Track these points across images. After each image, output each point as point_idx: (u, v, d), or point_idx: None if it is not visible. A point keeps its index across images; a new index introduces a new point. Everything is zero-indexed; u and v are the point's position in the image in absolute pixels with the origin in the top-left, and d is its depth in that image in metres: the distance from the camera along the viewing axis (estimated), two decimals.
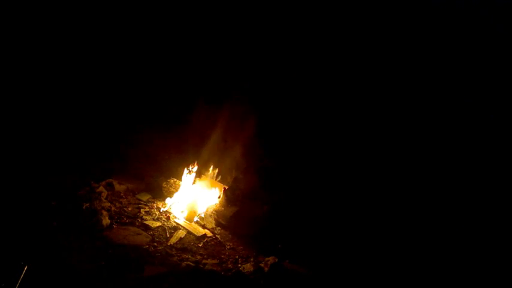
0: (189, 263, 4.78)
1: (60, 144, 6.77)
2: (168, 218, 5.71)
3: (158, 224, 5.54)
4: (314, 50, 7.97)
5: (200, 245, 5.30)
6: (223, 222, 5.72)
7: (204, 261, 4.90)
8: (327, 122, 7.12)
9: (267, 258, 4.80)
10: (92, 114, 7.56)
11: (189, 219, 5.73)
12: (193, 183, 6.23)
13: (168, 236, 5.34)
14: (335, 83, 7.63)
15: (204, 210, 5.85)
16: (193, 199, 5.93)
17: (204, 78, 7.77)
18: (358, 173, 6.52)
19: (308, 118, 7.14)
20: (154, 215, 5.74)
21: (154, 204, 6.00)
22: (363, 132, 7.10)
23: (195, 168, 6.26)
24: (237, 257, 5.10)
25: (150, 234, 5.27)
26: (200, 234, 5.46)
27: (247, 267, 4.78)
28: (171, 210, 5.88)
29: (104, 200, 5.59)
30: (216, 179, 6.34)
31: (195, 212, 5.80)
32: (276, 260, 4.75)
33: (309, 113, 7.21)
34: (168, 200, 6.00)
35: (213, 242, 5.42)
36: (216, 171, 6.39)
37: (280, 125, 6.93)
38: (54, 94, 7.63)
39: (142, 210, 5.78)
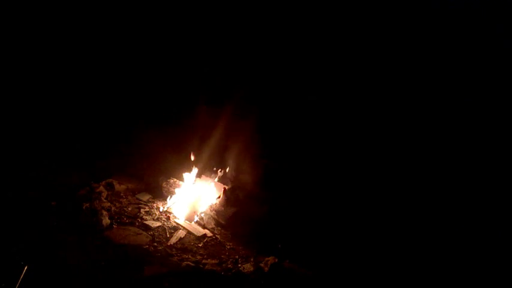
0: (189, 263, 4.78)
1: (59, 144, 6.77)
2: (168, 218, 5.72)
3: (158, 224, 5.54)
4: (314, 51, 7.97)
5: (200, 245, 5.30)
6: (223, 222, 5.72)
7: (204, 261, 4.90)
8: (328, 123, 7.12)
9: (267, 258, 4.80)
10: (92, 113, 7.56)
11: (189, 219, 5.74)
12: (194, 183, 6.23)
13: (168, 236, 5.34)
14: (335, 84, 7.63)
15: (204, 210, 5.86)
16: (193, 199, 5.93)
17: (205, 78, 7.76)
18: (358, 174, 6.52)
19: (310, 118, 7.14)
20: (154, 215, 5.75)
21: (155, 204, 6.00)
22: (364, 132, 7.10)
23: (196, 168, 6.28)
24: (237, 257, 5.10)
25: (150, 234, 5.28)
26: (200, 234, 5.46)
27: (247, 267, 4.78)
28: (171, 210, 5.88)
29: (104, 200, 5.59)
30: (216, 179, 6.34)
31: (195, 212, 5.81)
32: (276, 260, 4.75)
33: (310, 114, 7.21)
34: (168, 200, 6.00)
35: (213, 242, 5.43)
36: (217, 171, 6.39)
37: (282, 125, 6.93)
38: (54, 93, 7.63)
39: (142, 210, 5.78)
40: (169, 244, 5.17)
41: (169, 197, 6.06)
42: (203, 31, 8.27)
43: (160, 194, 6.21)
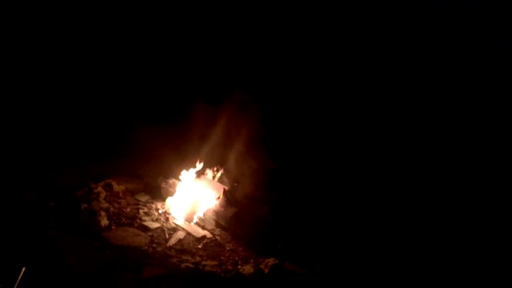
0: (188, 264, 4.75)
1: (58, 144, 6.74)
2: (167, 219, 5.68)
3: (157, 225, 5.50)
4: (315, 51, 7.95)
5: (199, 246, 5.27)
6: (223, 223, 5.69)
7: (203, 262, 4.87)
8: (329, 124, 7.11)
9: (267, 260, 4.77)
10: (90, 113, 7.53)
11: (189, 220, 5.70)
12: (193, 183, 6.19)
13: (167, 237, 5.30)
14: (336, 84, 7.61)
15: (204, 211, 5.82)
16: (192, 200, 5.90)
17: (204, 77, 7.74)
18: (358, 174, 6.50)
19: (310, 119, 7.13)
20: (153, 215, 5.71)
21: (153, 205, 5.96)
22: (364, 133, 7.08)
23: (195, 168, 6.25)
24: (236, 258, 5.07)
25: (149, 235, 5.24)
26: (200, 235, 5.43)
27: (247, 268, 4.75)
28: (170, 211, 5.84)
29: (102, 200, 5.55)
30: (216, 180, 6.30)
31: (194, 213, 5.77)
32: (277, 261, 4.72)
33: (310, 114, 7.19)
34: (167, 201, 5.96)
35: (212, 243, 5.39)
36: (216, 171, 6.36)
37: (282, 126, 6.91)
38: (53, 93, 7.59)
39: (141, 211, 5.74)
40: (168, 245, 5.13)
41: (168, 197, 6.02)
42: (203, 30, 8.25)
43: (159, 194, 6.17)
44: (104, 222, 5.15)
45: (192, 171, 6.22)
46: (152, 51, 8.26)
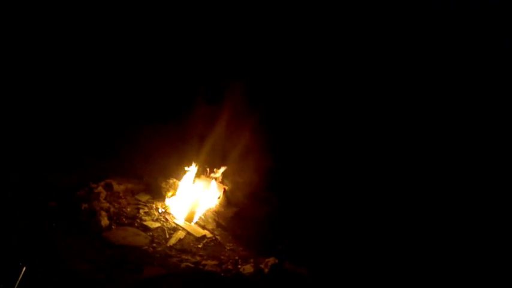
0: (188, 264, 4.75)
1: (58, 144, 6.74)
2: (167, 219, 5.69)
3: (157, 224, 5.50)
4: (315, 50, 7.95)
5: (200, 246, 5.27)
6: (223, 223, 5.70)
7: (203, 262, 4.88)
8: (329, 123, 7.11)
9: (267, 259, 4.78)
10: (91, 113, 7.52)
11: (189, 219, 5.71)
12: (193, 183, 6.20)
13: (167, 236, 5.31)
14: (336, 84, 7.61)
15: (204, 211, 5.83)
16: (193, 200, 5.90)
17: (205, 77, 7.73)
18: (359, 175, 6.51)
19: (310, 119, 7.13)
20: (153, 215, 5.71)
21: (154, 205, 5.96)
22: (364, 133, 7.08)
23: (195, 168, 6.25)
24: (237, 258, 5.07)
25: (149, 235, 5.25)
26: (200, 235, 5.44)
27: (247, 268, 4.76)
28: (170, 211, 5.85)
29: (102, 200, 5.55)
30: (216, 180, 6.30)
31: (194, 213, 5.78)
32: (276, 261, 4.73)
33: (311, 114, 7.19)
34: (167, 201, 5.97)
35: (212, 243, 5.40)
36: (217, 171, 6.36)
37: (282, 126, 6.91)
38: (52, 93, 7.59)
39: (141, 210, 5.75)
40: (168, 245, 5.14)
41: (168, 197, 6.03)
42: (203, 29, 8.25)
43: (160, 194, 6.17)
44: (104, 222, 5.15)
45: (192, 171, 6.22)
46: (152, 50, 8.26)
